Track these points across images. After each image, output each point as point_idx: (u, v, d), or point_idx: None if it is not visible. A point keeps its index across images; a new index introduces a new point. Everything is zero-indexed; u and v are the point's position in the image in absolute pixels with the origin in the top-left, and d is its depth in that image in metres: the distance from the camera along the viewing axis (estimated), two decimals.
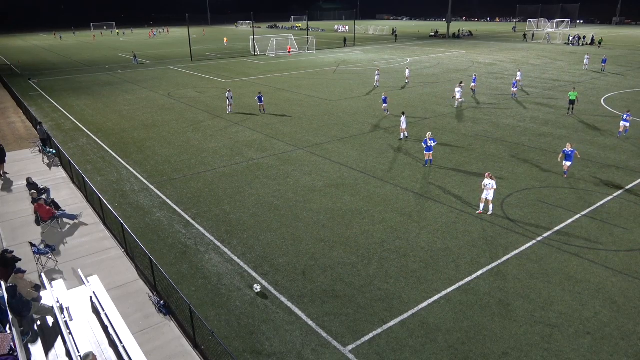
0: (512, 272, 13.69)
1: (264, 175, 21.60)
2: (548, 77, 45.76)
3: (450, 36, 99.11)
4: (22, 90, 44.92)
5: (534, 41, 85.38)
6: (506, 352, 10.72)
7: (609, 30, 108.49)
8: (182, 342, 11.21)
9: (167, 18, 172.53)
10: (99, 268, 14.24)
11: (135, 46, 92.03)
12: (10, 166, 23.20)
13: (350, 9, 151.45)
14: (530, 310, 12.05)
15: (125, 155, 25.05)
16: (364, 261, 14.41)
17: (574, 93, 30.84)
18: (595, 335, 11.18)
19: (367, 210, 17.81)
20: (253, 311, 12.27)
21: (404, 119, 26.12)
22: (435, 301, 12.49)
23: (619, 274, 13.53)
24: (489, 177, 16.87)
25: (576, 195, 18.83)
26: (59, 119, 33.46)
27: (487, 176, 16.93)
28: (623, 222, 16.52)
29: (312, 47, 76.75)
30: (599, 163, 22.29)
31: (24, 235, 16.37)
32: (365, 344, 11.06)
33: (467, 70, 51.37)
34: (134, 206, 18.76)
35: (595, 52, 64.07)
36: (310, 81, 46.54)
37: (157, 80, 49.23)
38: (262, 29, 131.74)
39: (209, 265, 14.40)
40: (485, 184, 16.88)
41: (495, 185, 16.92)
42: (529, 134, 27.21)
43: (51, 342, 9.87)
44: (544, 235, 15.75)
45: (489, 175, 16.93)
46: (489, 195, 16.95)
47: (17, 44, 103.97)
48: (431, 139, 21.65)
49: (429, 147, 21.66)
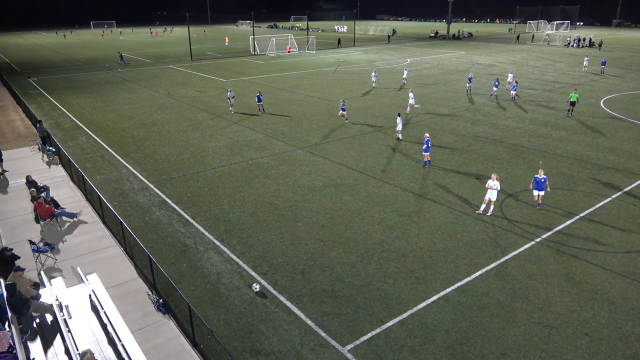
0: (511, 273, 13.71)
1: (263, 174, 21.61)
2: (547, 79, 45.82)
3: (450, 37, 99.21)
4: (21, 88, 44.86)
5: (533, 43, 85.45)
6: (504, 352, 10.74)
7: (609, 32, 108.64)
8: (181, 341, 11.22)
9: (168, 17, 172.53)
10: (98, 266, 14.23)
11: (135, 45, 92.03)
12: (9, 164, 23.18)
13: (350, 9, 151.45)
14: (529, 311, 12.07)
15: (124, 154, 25.04)
16: (363, 261, 14.43)
17: (575, 94, 30.98)
18: (594, 336, 11.21)
19: (366, 210, 17.83)
20: (252, 310, 12.28)
21: (399, 120, 26.06)
22: (434, 301, 12.51)
23: (618, 276, 13.56)
24: (495, 179, 16.88)
25: (575, 196, 18.86)
26: (58, 117, 33.44)
27: (494, 177, 16.94)
28: (622, 224, 16.56)
29: (312, 47, 76.78)
30: (597, 165, 22.33)
31: (23, 234, 16.36)
32: (364, 343, 11.08)
33: (467, 71, 51.42)
34: (133, 205, 18.76)
35: (595, 54, 64.15)
36: (310, 81, 46.55)
37: (157, 79, 49.21)
38: (262, 28, 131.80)
39: (208, 265, 14.41)
40: (490, 184, 16.90)
41: (500, 186, 16.92)
42: (529, 135, 27.25)
43: (50, 340, 9.87)
44: (542, 236, 15.78)
45: (495, 177, 16.94)
46: (492, 196, 16.98)
47: (17, 42, 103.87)
48: (427, 140, 21.67)
49: (426, 147, 21.68)
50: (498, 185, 16.81)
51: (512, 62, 58.36)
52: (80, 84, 47.57)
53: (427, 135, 21.86)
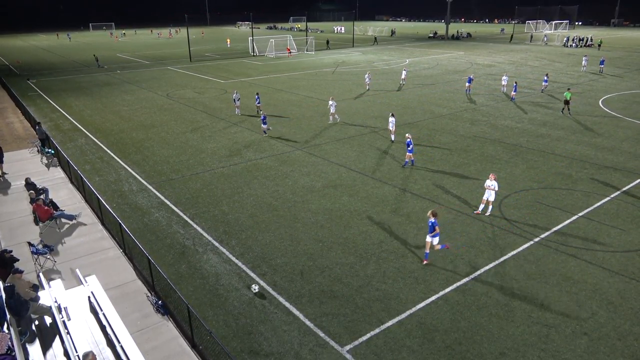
0: (509, 273, 13.72)
1: (262, 175, 21.62)
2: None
3: (449, 37, 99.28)
4: (20, 90, 44.89)
5: (532, 43, 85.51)
6: (503, 352, 10.75)
7: (608, 32, 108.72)
8: (180, 342, 11.23)
9: (166, 18, 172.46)
10: (97, 268, 14.23)
11: (135, 47, 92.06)
12: (8, 166, 23.19)
13: (349, 9, 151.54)
14: (528, 311, 12.08)
15: (123, 156, 25.05)
16: (362, 261, 14.44)
17: (568, 93, 31.64)
18: (592, 335, 11.22)
19: (365, 210, 17.85)
20: (251, 311, 12.29)
21: (391, 120, 25.64)
22: (433, 301, 12.52)
23: (616, 275, 13.58)
24: (492, 179, 16.87)
25: (574, 196, 18.88)
26: (57, 119, 33.45)
27: (492, 177, 16.94)
28: (620, 223, 16.58)
29: (311, 48, 76.80)
30: (596, 164, 22.36)
31: (22, 235, 16.37)
32: (363, 344, 11.09)
33: (466, 71, 51.47)
34: (132, 206, 18.76)
35: (594, 53, 64.20)
36: (308, 82, 46.58)
37: (156, 81, 49.23)
38: (261, 29, 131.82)
39: (207, 266, 14.42)
40: (488, 184, 16.90)
41: (497, 187, 16.93)
42: (527, 135, 27.28)
43: (49, 342, 9.88)
44: (541, 236, 15.79)
45: (493, 177, 16.94)
46: (490, 196, 16.99)
47: (17, 44, 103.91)
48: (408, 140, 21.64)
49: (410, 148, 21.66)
50: (496, 186, 16.81)
51: (510, 62, 58.41)
52: (79, 85, 47.59)
53: (408, 135, 21.91)
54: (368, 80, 42.00)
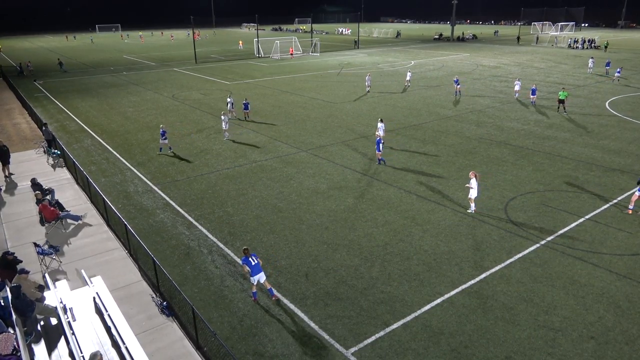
0: (515, 276, 13.63)
1: (267, 177, 21.63)
2: (552, 80, 45.63)
3: (455, 39, 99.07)
4: (27, 91, 45.17)
5: (538, 44, 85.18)
6: (509, 355, 10.67)
7: (614, 34, 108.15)
8: (185, 344, 11.22)
9: (172, 20, 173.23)
10: (102, 269, 14.28)
11: (140, 48, 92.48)
12: (15, 167, 23.32)
13: (354, 11, 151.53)
14: (534, 314, 11.99)
15: (129, 157, 25.14)
16: (367, 264, 14.39)
17: (563, 93, 32.32)
18: (599, 339, 11.11)
19: (370, 212, 17.80)
20: (255, 313, 12.27)
21: (380, 126, 25.05)
22: (438, 304, 12.45)
23: (623, 278, 13.46)
24: (472, 176, 17.15)
25: (580, 199, 18.75)
26: (63, 120, 33.62)
27: (471, 175, 17.22)
28: (627, 227, 16.44)
29: (316, 49, 76.87)
30: (603, 167, 22.20)
31: (28, 236, 16.44)
32: (368, 346, 11.04)
33: (471, 73, 51.33)
34: (137, 207, 18.81)
35: (600, 55, 63.86)
36: (314, 84, 46.60)
37: (162, 82, 49.41)
38: (267, 31, 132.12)
39: (212, 267, 14.42)
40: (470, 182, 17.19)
41: (474, 184, 17.00)
42: (533, 137, 27.14)
43: (54, 343, 9.90)
44: (547, 238, 15.69)
45: (472, 174, 17.20)
46: (471, 194, 17.21)
47: (25, 45, 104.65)
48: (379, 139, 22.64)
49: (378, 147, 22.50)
50: (472, 182, 17.02)
51: (516, 64, 58.18)
52: (86, 87, 47.84)
53: (378, 134, 23.28)
54: (368, 82, 41.89)
